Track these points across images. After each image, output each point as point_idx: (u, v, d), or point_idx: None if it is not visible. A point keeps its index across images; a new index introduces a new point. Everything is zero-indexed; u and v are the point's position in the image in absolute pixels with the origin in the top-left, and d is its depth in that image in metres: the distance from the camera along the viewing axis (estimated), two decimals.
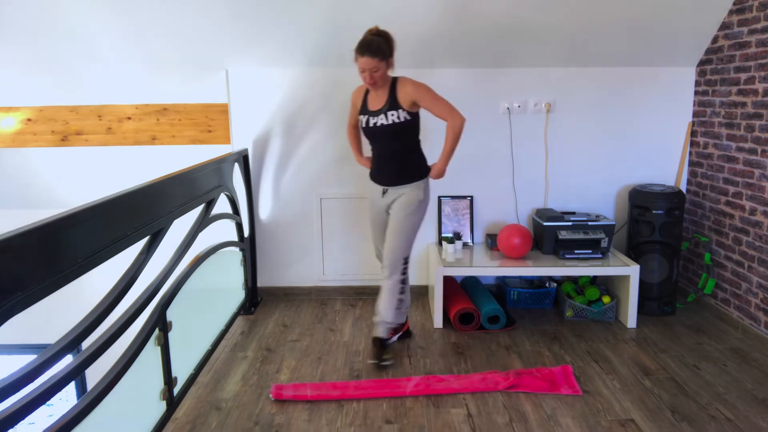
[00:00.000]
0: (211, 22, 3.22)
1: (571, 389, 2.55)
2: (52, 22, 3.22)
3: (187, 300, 2.43)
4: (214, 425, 2.34)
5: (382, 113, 2.69)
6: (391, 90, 2.69)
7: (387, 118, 2.68)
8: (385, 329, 2.88)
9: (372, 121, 2.73)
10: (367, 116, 2.75)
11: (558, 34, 3.31)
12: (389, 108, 2.68)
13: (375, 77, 2.62)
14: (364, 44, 2.59)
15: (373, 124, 2.73)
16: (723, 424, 2.29)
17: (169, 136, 3.73)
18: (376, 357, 2.82)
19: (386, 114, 2.68)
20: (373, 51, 2.57)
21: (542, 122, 3.63)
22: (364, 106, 2.77)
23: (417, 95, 2.66)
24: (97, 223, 1.69)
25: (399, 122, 2.69)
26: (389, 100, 2.69)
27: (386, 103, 2.69)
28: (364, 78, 2.63)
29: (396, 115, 2.67)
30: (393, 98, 2.68)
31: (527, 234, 3.36)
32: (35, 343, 4.08)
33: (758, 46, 2.99)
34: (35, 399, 1.40)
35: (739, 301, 3.17)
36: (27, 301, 1.34)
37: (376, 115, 2.71)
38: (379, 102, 2.72)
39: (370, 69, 2.59)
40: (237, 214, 3.35)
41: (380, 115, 2.69)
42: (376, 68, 2.59)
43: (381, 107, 2.70)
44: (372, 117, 2.73)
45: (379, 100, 2.72)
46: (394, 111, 2.67)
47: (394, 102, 2.68)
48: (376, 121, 2.71)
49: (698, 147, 3.58)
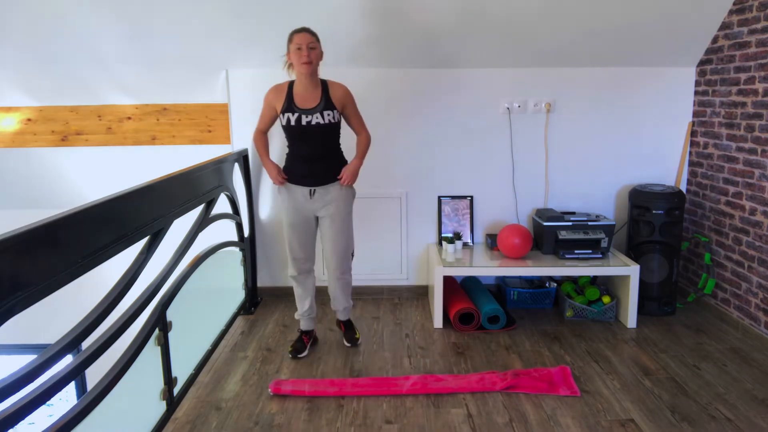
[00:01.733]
0: (211, 22, 3.22)
1: (570, 390, 2.55)
2: (52, 22, 3.22)
3: (187, 300, 2.43)
4: (214, 425, 2.34)
5: (318, 112, 2.65)
6: (323, 90, 2.69)
7: (323, 117, 2.65)
8: (347, 312, 3.09)
9: (306, 119, 2.65)
10: (299, 114, 2.66)
11: (558, 34, 3.31)
12: (325, 107, 2.66)
13: (312, 55, 2.58)
14: (300, 27, 2.63)
15: (307, 122, 2.65)
16: (723, 424, 2.29)
17: (169, 136, 3.73)
18: (350, 339, 3.04)
19: (322, 113, 2.65)
20: (310, 30, 2.62)
21: (542, 122, 3.63)
22: (291, 103, 2.68)
23: (348, 101, 2.73)
24: (97, 223, 1.69)
25: (334, 122, 2.70)
26: (324, 100, 2.67)
27: (320, 102, 2.66)
28: (299, 56, 2.57)
29: (331, 115, 2.68)
30: (327, 98, 2.68)
31: (527, 234, 3.36)
32: (35, 343, 4.09)
33: (758, 46, 2.99)
34: (35, 399, 1.40)
35: (739, 301, 3.17)
36: (27, 301, 1.34)
37: (310, 113, 2.65)
38: (312, 100, 2.67)
39: (307, 44, 2.56)
40: (237, 214, 3.35)
41: (316, 114, 2.65)
42: (313, 45, 2.58)
43: (316, 105, 2.66)
44: (305, 115, 2.65)
45: (311, 99, 2.67)
46: (330, 111, 2.67)
47: (329, 102, 2.68)
48: (311, 119, 2.65)
49: (698, 147, 3.58)
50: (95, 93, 3.65)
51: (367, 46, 3.37)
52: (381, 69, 3.53)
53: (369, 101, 3.52)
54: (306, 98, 2.67)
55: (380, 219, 3.70)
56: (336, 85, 2.73)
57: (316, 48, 2.61)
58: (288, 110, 2.67)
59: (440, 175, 3.68)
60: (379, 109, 3.55)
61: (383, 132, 3.58)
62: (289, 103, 2.68)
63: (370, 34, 3.29)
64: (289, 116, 2.67)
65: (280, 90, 2.73)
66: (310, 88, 2.67)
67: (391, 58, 3.45)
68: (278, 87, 2.74)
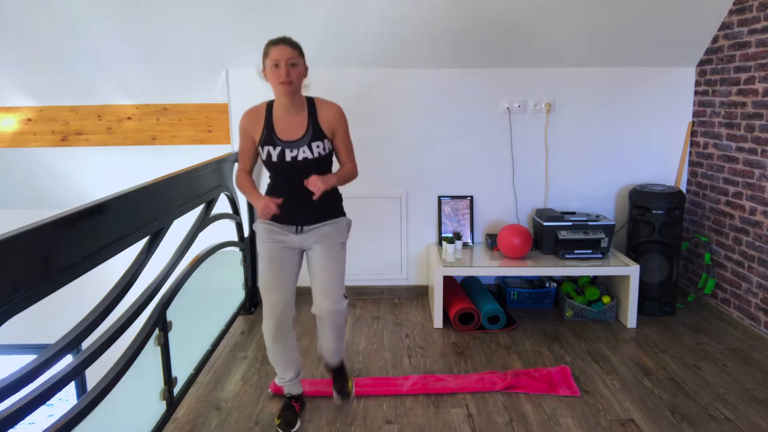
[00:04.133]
0: (211, 22, 3.22)
1: (569, 390, 2.55)
2: (52, 23, 3.22)
3: (187, 300, 2.43)
4: (214, 425, 2.34)
5: (305, 145, 2.12)
6: (310, 113, 2.15)
7: (312, 150, 2.13)
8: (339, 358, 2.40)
9: (291, 154, 2.12)
10: (282, 148, 2.12)
11: (558, 34, 3.32)
12: (313, 138, 2.13)
13: (292, 75, 2.04)
14: (278, 38, 2.09)
15: (292, 158, 2.12)
16: (723, 424, 2.29)
17: (169, 136, 3.73)
18: (341, 390, 2.38)
19: (311, 146, 2.12)
20: (291, 42, 2.08)
21: (542, 122, 3.63)
22: (271, 134, 2.13)
23: (339, 126, 2.19)
24: (97, 222, 1.69)
25: (325, 155, 2.17)
26: (311, 128, 2.13)
27: (307, 131, 2.13)
28: (278, 75, 2.03)
29: (322, 147, 2.14)
30: (315, 125, 2.14)
31: (527, 234, 3.36)
32: (35, 343, 4.09)
33: (758, 46, 2.99)
34: (35, 399, 1.40)
35: (739, 301, 3.17)
36: (26, 301, 1.34)
37: (295, 147, 2.12)
38: (296, 129, 2.13)
39: (286, 59, 2.02)
40: (237, 214, 3.35)
41: (302, 147, 2.12)
42: (293, 61, 2.04)
43: (302, 136, 2.13)
44: (290, 149, 2.12)
45: (295, 127, 2.14)
46: (320, 142, 2.14)
47: (317, 130, 2.14)
48: (296, 154, 2.12)
49: (698, 147, 3.58)
50: (95, 93, 3.65)
51: (367, 46, 3.37)
52: (381, 69, 3.53)
53: (369, 101, 3.53)
54: (289, 126, 2.13)
55: (380, 219, 3.70)
56: (326, 104, 2.18)
57: (298, 65, 2.07)
58: (267, 142, 2.14)
59: (440, 175, 3.68)
60: (379, 109, 3.55)
61: (383, 132, 3.58)
62: (269, 133, 2.14)
63: (370, 34, 3.29)
64: (270, 150, 2.13)
65: (256, 115, 2.18)
66: (293, 111, 2.14)
67: (391, 58, 3.45)
68: (253, 111, 2.20)
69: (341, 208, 2.33)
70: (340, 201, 2.33)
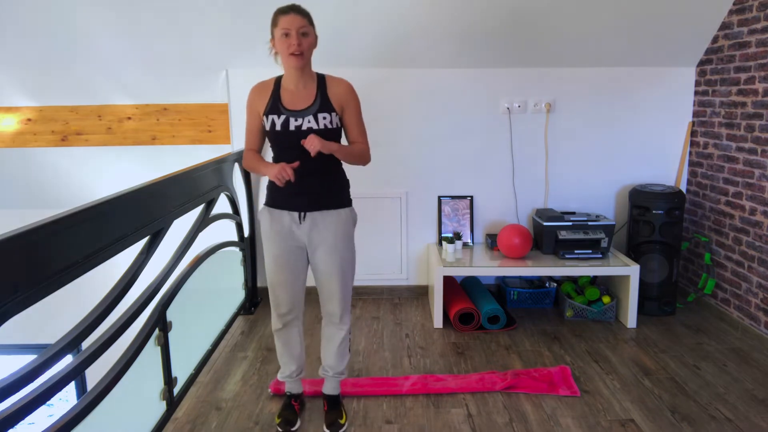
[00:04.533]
0: (211, 22, 3.22)
1: (569, 390, 2.55)
2: (52, 22, 3.22)
3: (187, 300, 2.43)
4: (214, 425, 2.34)
5: (311, 114, 2.05)
6: (319, 87, 2.10)
7: (318, 121, 2.05)
8: (337, 383, 2.38)
9: (295, 123, 2.04)
10: (286, 116, 2.05)
11: (558, 34, 3.32)
12: (320, 109, 2.06)
13: (303, 44, 1.98)
14: (287, 5, 2.02)
15: (296, 127, 2.04)
16: (723, 424, 2.29)
17: (169, 136, 3.73)
18: (331, 423, 2.26)
19: (316, 116, 2.05)
20: (301, 10, 2.01)
21: (542, 122, 3.63)
22: (277, 104, 2.07)
23: (350, 101, 2.12)
24: (97, 223, 1.69)
25: (332, 128, 2.08)
26: (319, 99, 2.07)
27: (315, 101, 2.07)
28: (288, 45, 1.97)
29: (329, 119, 2.06)
30: (324, 97, 2.08)
31: (527, 234, 3.36)
32: (35, 343, 4.08)
33: (758, 46, 2.99)
34: (35, 399, 1.40)
35: (739, 301, 3.17)
36: (26, 301, 1.34)
37: (300, 116, 2.05)
38: (304, 99, 2.07)
39: (297, 28, 1.96)
40: (237, 214, 3.35)
41: (308, 117, 2.04)
42: (304, 29, 1.99)
43: (309, 106, 2.06)
44: (294, 118, 2.04)
45: (302, 98, 2.07)
46: (326, 114, 2.06)
47: (326, 102, 2.07)
48: (301, 123, 2.04)
49: (698, 147, 3.58)
50: (95, 93, 3.65)
51: (366, 46, 3.37)
52: (381, 69, 3.53)
53: (369, 101, 3.51)
54: (296, 97, 2.07)
55: (380, 219, 3.70)
56: (336, 80, 2.13)
57: (309, 34, 2.01)
58: (272, 111, 2.07)
59: (440, 175, 3.68)
60: (379, 109, 3.54)
61: (383, 132, 3.57)
62: (275, 102, 2.08)
63: (370, 34, 3.29)
64: (274, 119, 2.06)
65: (264, 88, 2.13)
66: (302, 84, 2.08)
67: (392, 58, 3.45)
68: (261, 85, 2.15)
69: (347, 197, 2.21)
70: (346, 188, 2.22)
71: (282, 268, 2.18)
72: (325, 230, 2.13)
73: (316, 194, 2.12)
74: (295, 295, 2.23)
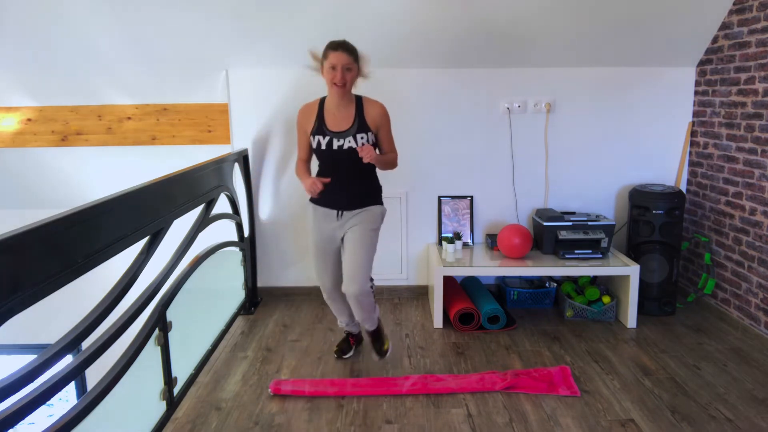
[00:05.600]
0: (211, 22, 3.22)
1: (569, 390, 2.55)
2: (52, 23, 3.22)
3: (187, 300, 2.43)
4: (214, 425, 2.34)
5: (350, 135, 2.44)
6: (357, 109, 2.48)
7: (356, 140, 2.44)
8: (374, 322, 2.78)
9: (337, 143, 2.45)
10: (330, 137, 2.45)
11: (558, 34, 3.32)
12: (358, 130, 2.45)
13: (346, 77, 2.38)
14: (338, 41, 2.41)
15: (338, 147, 2.45)
16: (723, 424, 2.29)
17: (169, 136, 3.73)
18: (379, 351, 2.78)
19: (355, 137, 2.44)
20: (349, 48, 2.39)
21: (542, 122, 3.63)
22: (321, 125, 2.48)
23: (383, 122, 2.51)
24: (97, 223, 1.69)
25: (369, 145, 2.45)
26: (357, 121, 2.46)
27: (354, 124, 2.46)
28: (333, 77, 2.37)
29: (365, 138, 2.46)
30: (361, 119, 2.47)
31: (527, 234, 3.36)
32: (35, 343, 4.09)
33: (758, 46, 2.99)
34: (35, 399, 1.40)
35: (739, 301, 3.17)
36: (27, 301, 1.34)
37: (342, 137, 2.45)
38: (344, 122, 2.47)
39: (343, 65, 2.36)
40: (237, 214, 3.35)
41: (348, 138, 2.44)
42: (349, 66, 2.38)
43: (348, 128, 2.45)
44: (337, 138, 2.45)
45: (343, 120, 2.47)
46: (363, 134, 2.46)
47: (362, 123, 2.47)
48: (342, 143, 2.44)
49: (698, 147, 3.58)
50: (95, 93, 3.65)
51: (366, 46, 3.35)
52: (381, 69, 3.51)
53: None
54: (338, 119, 2.47)
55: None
56: (372, 103, 2.51)
57: (353, 69, 2.40)
58: (318, 132, 2.48)
59: (440, 175, 3.68)
60: None
61: None
62: (320, 124, 2.48)
63: (369, 34, 3.29)
64: (320, 139, 2.47)
65: (310, 110, 2.53)
66: (342, 106, 2.47)
67: (391, 58, 3.45)
68: (308, 107, 2.55)
69: (380, 198, 2.65)
70: (379, 192, 2.66)
71: (322, 255, 2.63)
72: (355, 218, 2.55)
73: (353, 196, 2.55)
74: (334, 273, 2.66)
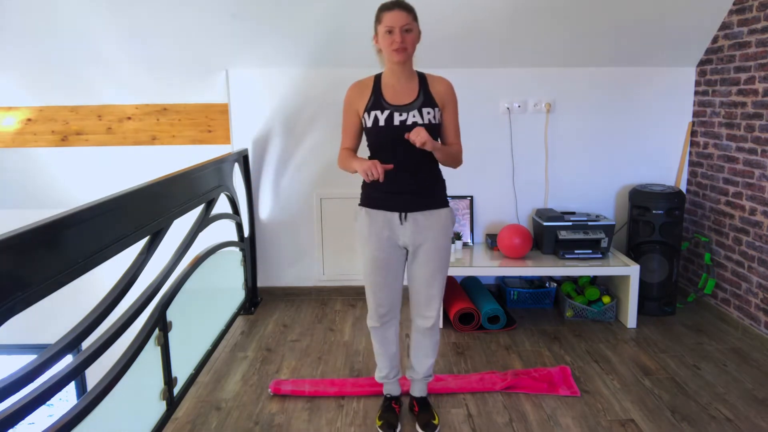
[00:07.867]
0: (211, 22, 3.22)
1: (569, 390, 2.55)
2: (52, 22, 3.22)
3: (187, 300, 2.43)
4: (214, 425, 2.34)
5: (415, 109, 2.00)
6: (421, 83, 2.07)
7: (422, 115, 2.00)
8: (425, 385, 2.35)
9: (399, 117, 1.99)
10: (390, 111, 2.00)
11: (558, 34, 3.31)
12: (424, 103, 2.02)
13: (406, 41, 1.96)
14: (392, 1, 2.00)
15: (401, 122, 1.99)
16: (723, 424, 2.29)
17: (169, 136, 3.73)
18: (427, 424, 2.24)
19: (421, 110, 2.01)
20: (406, 7, 1.99)
21: (542, 122, 3.63)
22: (379, 99, 2.03)
23: (450, 99, 2.10)
24: (97, 223, 1.69)
25: (435, 123, 2.04)
26: (422, 94, 2.04)
27: (419, 96, 2.03)
28: (391, 41, 1.96)
29: (432, 114, 2.02)
30: (426, 93, 2.05)
31: (527, 234, 3.36)
32: (35, 343, 4.08)
33: (758, 46, 2.99)
34: (35, 399, 1.40)
35: (739, 301, 3.17)
36: (27, 301, 1.34)
37: (405, 110, 2.00)
38: (407, 94, 2.04)
39: (401, 26, 1.94)
40: (237, 214, 3.35)
41: (413, 111, 2.00)
42: (408, 26, 1.96)
43: (413, 101, 2.02)
44: (399, 113, 2.00)
45: (406, 92, 2.04)
46: (431, 109, 2.02)
47: (429, 97, 2.04)
48: (405, 118, 1.99)
49: (698, 147, 3.58)
50: (95, 93, 3.65)
51: (366, 46, 3.36)
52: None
53: None
54: (399, 92, 2.04)
55: None
56: (437, 78, 2.11)
57: (413, 30, 1.99)
58: (375, 107, 2.02)
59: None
60: None
61: None
62: (377, 98, 2.04)
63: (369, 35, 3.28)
64: (377, 114, 2.01)
65: (364, 86, 2.09)
66: (404, 79, 2.05)
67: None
68: (359, 83, 2.11)
69: (445, 197, 2.16)
70: (444, 189, 2.17)
71: (380, 270, 2.11)
72: (428, 230, 2.07)
73: (414, 193, 2.06)
74: (394, 294, 2.17)
